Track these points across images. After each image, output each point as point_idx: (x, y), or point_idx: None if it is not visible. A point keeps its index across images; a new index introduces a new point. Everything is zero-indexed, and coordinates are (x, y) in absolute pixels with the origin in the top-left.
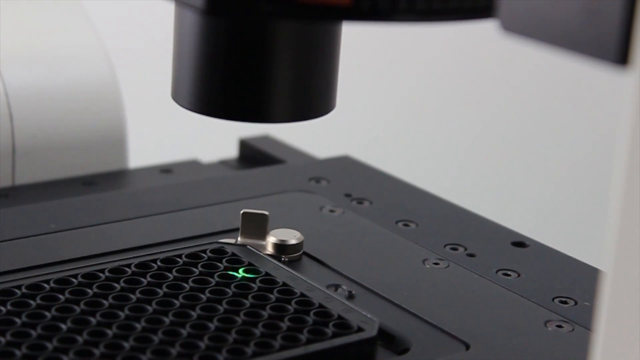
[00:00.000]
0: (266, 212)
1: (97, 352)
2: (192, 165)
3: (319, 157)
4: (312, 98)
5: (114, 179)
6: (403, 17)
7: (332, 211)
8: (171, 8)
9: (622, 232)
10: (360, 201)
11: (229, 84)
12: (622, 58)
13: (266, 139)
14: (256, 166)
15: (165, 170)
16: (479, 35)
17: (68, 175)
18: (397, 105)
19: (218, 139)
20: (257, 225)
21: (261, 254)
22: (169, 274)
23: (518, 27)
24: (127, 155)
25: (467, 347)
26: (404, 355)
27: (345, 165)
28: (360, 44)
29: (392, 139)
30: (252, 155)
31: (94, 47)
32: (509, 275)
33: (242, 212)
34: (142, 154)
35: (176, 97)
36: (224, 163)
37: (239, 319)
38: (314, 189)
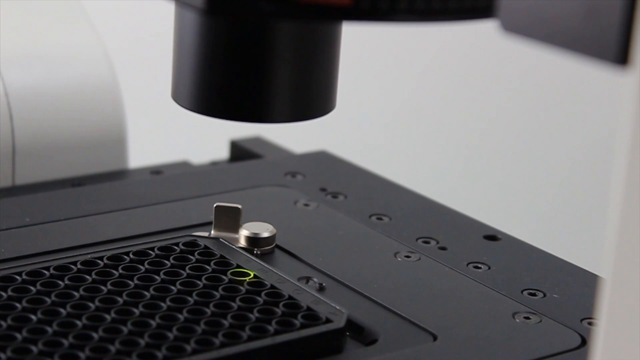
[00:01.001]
0: (239, 206)
1: (66, 343)
2: (183, 167)
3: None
4: (312, 98)
5: (105, 180)
6: (403, 17)
7: (306, 205)
8: (171, 8)
9: (622, 234)
10: (335, 195)
11: (229, 84)
12: (622, 58)
13: (257, 140)
14: None
15: (156, 171)
16: (477, 35)
17: (68, 175)
18: (397, 104)
19: (209, 140)
20: (230, 219)
21: (233, 246)
22: (141, 267)
23: (518, 27)
24: (127, 156)
25: (435, 338)
26: (372, 346)
27: (322, 160)
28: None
29: (383, 137)
30: (242, 156)
31: (94, 47)
32: (479, 268)
33: (215, 205)
34: (133, 155)
35: (176, 97)
36: (214, 164)
37: (209, 310)
38: (290, 183)
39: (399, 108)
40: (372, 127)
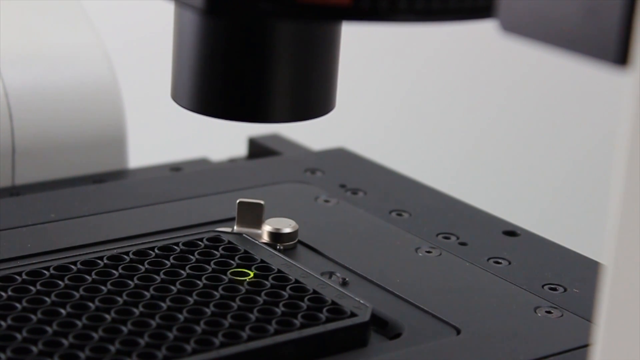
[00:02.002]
0: (262, 202)
1: (96, 336)
2: (202, 164)
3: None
4: (312, 98)
5: (124, 176)
6: (403, 17)
7: (326, 201)
8: (171, 8)
9: (622, 231)
10: (354, 192)
11: (228, 84)
12: (622, 58)
13: (275, 137)
14: None
15: (175, 168)
16: (477, 35)
17: (68, 175)
18: (401, 101)
19: (228, 137)
20: (252, 215)
21: (257, 242)
22: (166, 261)
23: (518, 27)
24: (127, 155)
25: (458, 332)
26: (397, 339)
27: (340, 157)
28: (357, 39)
29: (390, 133)
30: (260, 153)
31: (94, 47)
32: (499, 263)
33: (238, 201)
34: (152, 152)
35: (176, 97)
36: (233, 161)
37: (235, 304)
38: (309, 179)
39: (401, 106)
40: (384, 124)
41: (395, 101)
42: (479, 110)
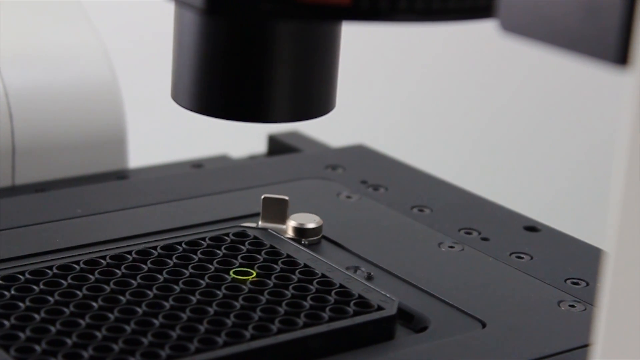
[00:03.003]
0: (286, 197)
1: (128, 328)
2: (222, 161)
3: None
4: (312, 98)
5: (147, 173)
6: (403, 17)
7: (348, 197)
8: (171, 8)
9: (622, 232)
10: (375, 188)
11: (228, 84)
12: (622, 58)
13: (295, 134)
14: None
15: (197, 165)
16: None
17: (68, 175)
18: (413, 99)
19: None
20: (277, 210)
21: (282, 237)
22: (194, 256)
23: (518, 27)
24: (127, 155)
25: (484, 325)
26: (423, 333)
27: (360, 154)
28: (371, 36)
29: (403, 130)
30: (280, 150)
31: (94, 47)
32: (522, 258)
33: (262, 197)
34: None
35: (176, 97)
36: (253, 158)
37: (264, 297)
38: (331, 176)
39: (415, 103)
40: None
41: (408, 98)
42: (493, 108)
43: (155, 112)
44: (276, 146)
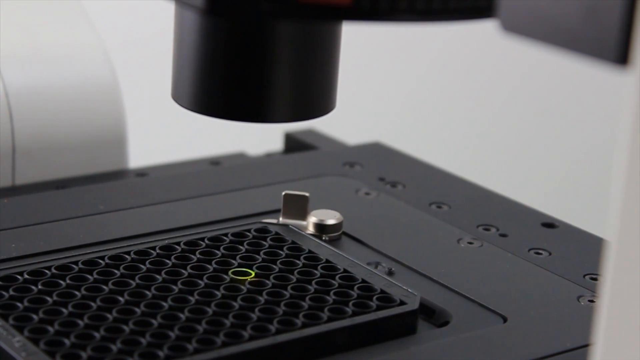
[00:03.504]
0: (307, 194)
1: (155, 323)
2: (240, 158)
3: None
4: (312, 98)
5: (165, 170)
6: (403, 17)
7: (367, 194)
8: (171, 8)
9: (622, 234)
10: (393, 185)
11: (228, 84)
12: (622, 58)
13: (310, 132)
14: None
15: (214, 162)
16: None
17: (68, 175)
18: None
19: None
20: (298, 206)
21: (303, 233)
22: (217, 252)
23: (518, 27)
24: (127, 155)
25: (505, 320)
26: (445, 327)
27: (377, 151)
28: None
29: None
30: (296, 147)
31: (94, 47)
32: (540, 254)
33: (283, 193)
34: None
35: (176, 97)
36: (270, 155)
37: (287, 292)
38: (349, 173)
39: (414, 101)
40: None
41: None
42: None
43: (156, 112)
44: (292, 144)
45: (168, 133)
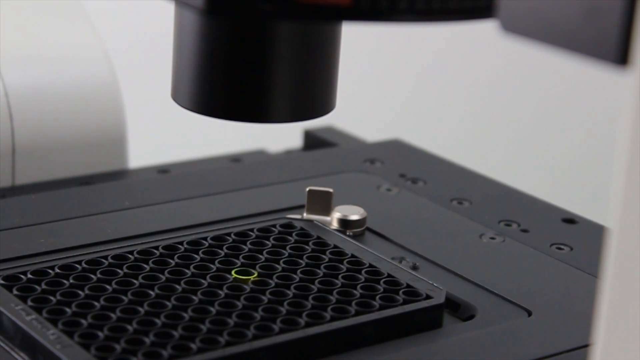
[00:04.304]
0: (331, 190)
1: (186, 316)
2: (260, 155)
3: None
4: (312, 98)
5: (187, 167)
6: (403, 17)
7: (389, 190)
8: (171, 8)
9: (622, 233)
10: (414, 181)
11: (228, 84)
12: (622, 58)
13: (330, 129)
14: None
15: (235, 159)
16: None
17: (68, 175)
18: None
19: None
20: (322, 202)
21: (328, 228)
22: (244, 247)
23: (518, 27)
24: (127, 155)
25: (529, 313)
26: (470, 321)
27: (397, 148)
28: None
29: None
30: (316, 144)
31: (94, 47)
32: (562, 249)
33: (307, 189)
34: (153, 152)
35: (176, 97)
36: (289, 153)
37: (314, 286)
38: (369, 169)
39: (406, 102)
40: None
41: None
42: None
43: (155, 112)
44: (312, 141)
45: (181, 131)
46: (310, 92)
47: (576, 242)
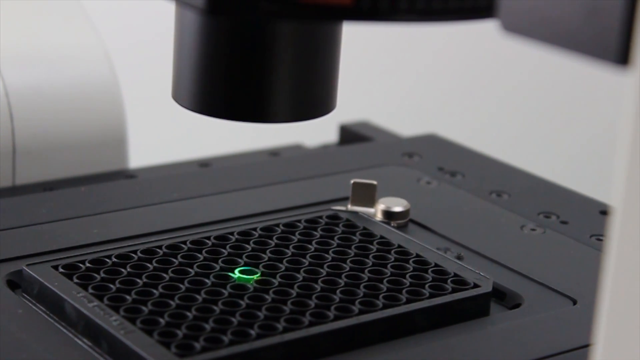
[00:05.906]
0: (374, 182)
1: (243, 303)
2: (297, 149)
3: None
4: (313, 98)
5: (228, 161)
6: (403, 17)
7: (428, 183)
8: (171, 8)
9: (622, 234)
10: (452, 174)
11: (229, 84)
12: (622, 58)
13: (365, 124)
14: None
15: (274, 153)
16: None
17: (68, 175)
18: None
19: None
20: (366, 194)
21: (373, 219)
22: (293, 237)
23: (518, 27)
24: (127, 155)
25: (574, 302)
26: (517, 309)
27: (433, 142)
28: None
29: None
30: (352, 139)
31: (94, 47)
32: (601, 240)
33: (352, 181)
34: (153, 152)
35: (176, 97)
36: (326, 147)
37: (365, 275)
38: (408, 163)
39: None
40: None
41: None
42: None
43: (156, 112)
44: (348, 136)
45: (171, 132)
46: (311, 92)
47: None
